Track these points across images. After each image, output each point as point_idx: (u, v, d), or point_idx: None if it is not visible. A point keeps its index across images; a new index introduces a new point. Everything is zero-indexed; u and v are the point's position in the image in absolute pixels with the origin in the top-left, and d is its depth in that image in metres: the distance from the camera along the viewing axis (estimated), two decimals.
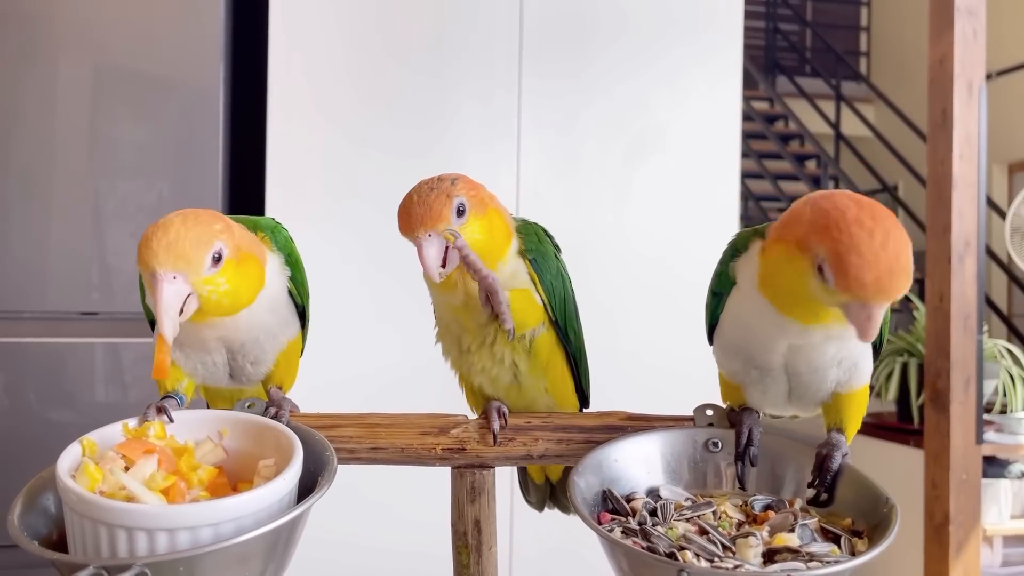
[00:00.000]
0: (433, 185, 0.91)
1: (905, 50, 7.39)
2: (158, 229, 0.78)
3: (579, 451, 0.93)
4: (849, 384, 0.90)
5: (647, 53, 2.47)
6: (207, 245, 0.79)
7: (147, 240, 0.78)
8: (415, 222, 0.89)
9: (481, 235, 0.92)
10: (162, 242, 0.77)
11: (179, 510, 0.71)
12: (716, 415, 0.94)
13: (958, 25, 2.87)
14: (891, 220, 0.72)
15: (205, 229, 0.79)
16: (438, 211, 0.88)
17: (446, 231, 0.89)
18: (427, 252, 0.89)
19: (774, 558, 0.75)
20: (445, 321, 1.00)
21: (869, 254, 0.69)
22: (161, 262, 0.77)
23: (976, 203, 2.89)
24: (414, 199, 0.90)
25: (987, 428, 3.33)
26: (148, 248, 0.77)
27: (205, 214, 0.81)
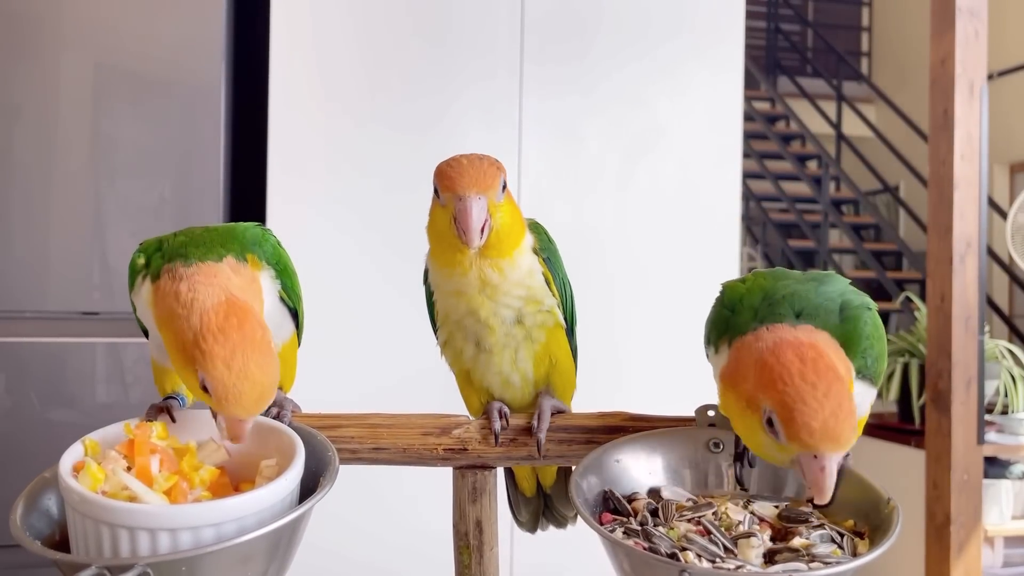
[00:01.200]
0: (480, 156, 0.91)
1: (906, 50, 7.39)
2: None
3: (581, 451, 0.93)
4: None
5: (648, 53, 2.47)
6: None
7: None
8: (467, 181, 0.88)
9: (510, 217, 0.92)
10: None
11: (181, 510, 0.71)
12: (717, 416, 0.94)
13: (960, 25, 2.86)
14: (832, 374, 0.74)
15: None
16: (492, 177, 0.89)
17: (492, 199, 0.89)
18: (475, 212, 0.87)
19: (775, 558, 0.75)
20: (458, 318, 0.98)
21: (813, 402, 0.72)
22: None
23: (977, 203, 2.89)
24: (463, 162, 0.89)
25: (988, 428, 3.33)
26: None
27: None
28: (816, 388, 0.73)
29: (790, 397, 0.73)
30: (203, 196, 2.19)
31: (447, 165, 0.90)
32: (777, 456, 0.77)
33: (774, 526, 0.82)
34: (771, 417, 0.74)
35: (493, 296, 0.95)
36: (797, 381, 0.74)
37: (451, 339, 1.01)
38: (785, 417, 0.73)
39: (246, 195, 2.35)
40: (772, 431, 0.75)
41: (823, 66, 7.68)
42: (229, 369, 0.72)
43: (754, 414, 0.77)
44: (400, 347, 2.28)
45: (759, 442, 0.78)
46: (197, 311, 0.75)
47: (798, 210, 6.53)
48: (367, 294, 2.29)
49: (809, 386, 0.73)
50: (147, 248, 0.88)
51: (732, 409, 0.80)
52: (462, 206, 0.87)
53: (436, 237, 0.95)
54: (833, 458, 0.74)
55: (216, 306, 0.76)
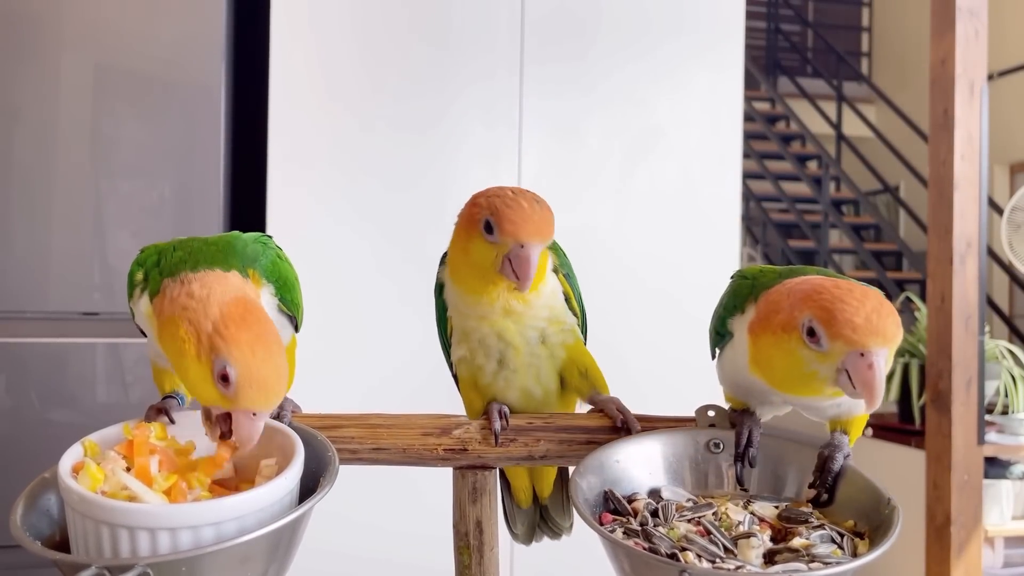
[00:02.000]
0: (536, 198, 0.89)
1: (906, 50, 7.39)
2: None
3: (581, 452, 0.93)
4: (849, 413, 0.91)
5: (648, 53, 2.47)
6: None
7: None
8: (532, 229, 0.86)
9: (545, 256, 0.94)
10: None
11: (181, 509, 0.71)
12: (718, 416, 0.94)
13: (960, 25, 2.86)
14: (868, 288, 0.76)
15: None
16: (552, 225, 0.88)
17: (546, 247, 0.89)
18: (535, 261, 0.86)
19: (775, 559, 0.75)
20: (480, 338, 0.98)
21: (853, 301, 0.74)
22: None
23: (978, 203, 2.89)
24: (524, 206, 0.87)
25: (988, 429, 3.33)
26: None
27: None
28: (853, 292, 0.75)
29: (829, 300, 0.74)
30: (203, 196, 2.19)
31: (506, 206, 0.87)
32: (820, 371, 0.76)
33: (774, 526, 0.82)
34: (812, 326, 0.75)
35: (518, 321, 0.95)
36: (833, 290, 0.75)
37: (471, 356, 0.99)
38: (826, 318, 0.74)
39: (246, 195, 2.35)
40: (814, 341, 0.75)
41: (823, 66, 7.68)
42: (254, 354, 0.72)
43: (791, 336, 0.77)
44: (400, 347, 2.28)
45: (800, 362, 0.77)
46: (215, 303, 0.75)
47: (798, 210, 6.54)
48: (367, 293, 2.29)
49: (846, 291, 0.75)
50: (145, 261, 0.87)
51: (767, 348, 0.80)
52: (524, 253, 0.86)
53: (470, 267, 0.92)
54: (880, 354, 0.73)
55: (235, 300, 0.76)
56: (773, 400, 0.90)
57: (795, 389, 0.82)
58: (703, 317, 1.00)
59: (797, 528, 0.80)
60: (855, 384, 0.74)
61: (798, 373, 0.78)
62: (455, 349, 1.01)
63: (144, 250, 0.89)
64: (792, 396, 0.85)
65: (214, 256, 0.84)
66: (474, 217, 0.89)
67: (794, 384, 0.81)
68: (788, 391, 0.83)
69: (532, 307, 0.95)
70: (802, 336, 0.76)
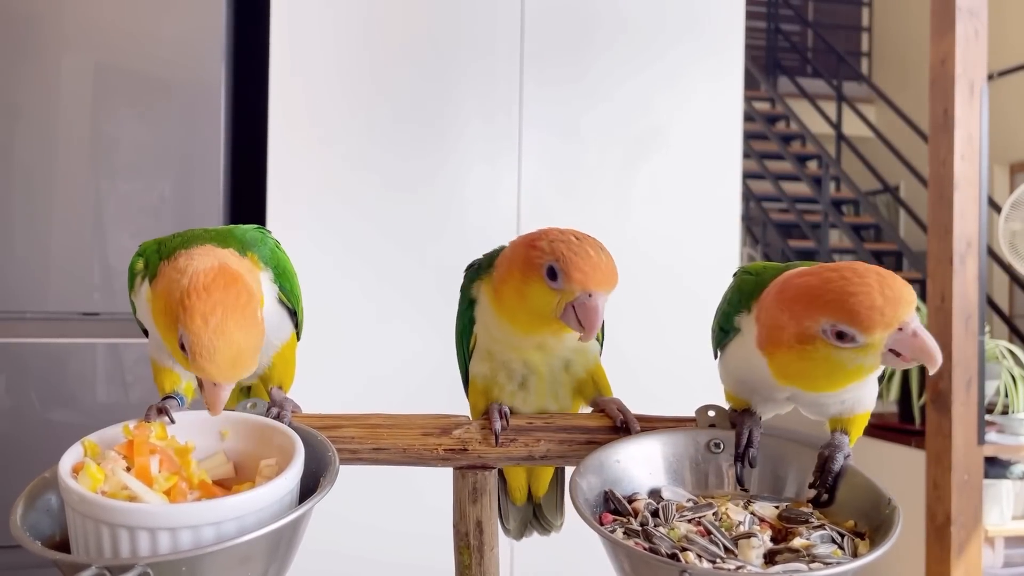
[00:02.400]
0: (600, 244, 0.88)
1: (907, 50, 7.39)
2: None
3: (581, 452, 0.93)
4: (852, 412, 0.91)
5: (648, 54, 2.47)
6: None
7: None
8: (602, 278, 0.85)
9: None
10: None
11: (181, 509, 0.71)
12: (718, 416, 0.94)
13: (960, 25, 2.86)
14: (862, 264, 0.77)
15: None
16: (617, 273, 0.87)
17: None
18: (602, 310, 0.85)
19: (775, 559, 0.75)
20: (504, 360, 0.98)
21: (864, 287, 0.73)
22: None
23: (978, 203, 2.89)
24: (591, 254, 0.85)
25: (988, 429, 3.33)
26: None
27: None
28: (852, 280, 0.74)
29: (841, 298, 0.73)
30: (203, 196, 2.19)
31: (574, 253, 0.84)
32: (865, 362, 0.76)
33: (774, 526, 0.82)
34: (840, 330, 0.74)
35: (548, 352, 0.96)
36: (836, 284, 0.74)
37: (491, 375, 0.99)
38: (852, 318, 0.73)
39: (246, 195, 2.35)
40: (847, 341, 0.74)
41: (823, 66, 7.68)
42: (206, 324, 0.72)
43: (816, 341, 0.76)
44: (400, 347, 2.28)
45: (840, 363, 0.76)
46: (189, 273, 0.75)
47: (798, 210, 6.53)
48: (368, 293, 2.29)
49: (848, 283, 0.74)
50: (145, 250, 0.88)
51: (793, 360, 0.79)
52: (592, 304, 0.84)
53: (525, 310, 0.89)
54: (914, 318, 0.73)
55: (207, 269, 0.76)
56: (777, 397, 0.90)
57: (830, 387, 0.81)
58: (703, 317, 1.00)
59: (797, 528, 0.80)
60: (911, 356, 0.73)
61: (841, 373, 0.77)
62: (476, 363, 1.00)
63: (143, 243, 0.90)
64: (804, 392, 0.84)
65: (212, 238, 0.85)
66: (533, 261, 0.86)
67: (831, 384, 0.80)
68: (817, 390, 0.82)
69: (564, 341, 0.95)
70: (830, 341, 0.75)
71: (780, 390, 0.88)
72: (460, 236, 2.34)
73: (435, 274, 2.30)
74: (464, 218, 2.36)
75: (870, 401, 0.91)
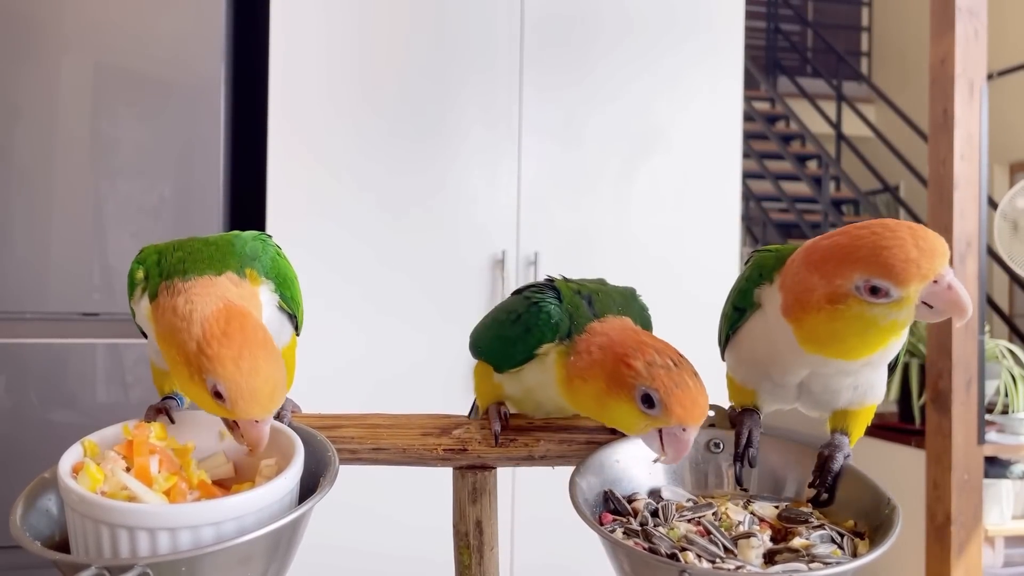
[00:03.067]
0: (695, 372, 0.81)
1: (906, 50, 7.39)
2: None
3: (581, 452, 0.93)
4: (861, 403, 0.90)
5: (648, 54, 2.47)
6: None
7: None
8: (700, 414, 0.79)
9: None
10: None
11: (180, 509, 0.71)
12: (717, 416, 0.94)
13: (959, 25, 2.86)
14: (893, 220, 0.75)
15: None
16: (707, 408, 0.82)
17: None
18: (691, 443, 0.79)
19: (775, 559, 0.75)
20: (539, 400, 0.96)
21: (894, 240, 0.72)
22: None
23: (977, 203, 2.89)
24: (691, 387, 0.79)
25: (988, 428, 3.33)
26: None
27: None
28: (884, 235, 0.72)
29: (874, 253, 0.72)
30: (203, 196, 2.19)
31: (675, 385, 0.78)
32: (899, 317, 0.74)
33: (774, 526, 0.81)
34: (874, 284, 0.72)
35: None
36: (868, 240, 0.72)
37: (517, 400, 0.98)
38: (887, 271, 0.71)
39: (246, 195, 2.35)
40: (881, 296, 0.72)
41: (823, 66, 7.68)
42: (239, 368, 0.72)
43: (848, 299, 0.74)
44: (399, 347, 2.28)
45: (873, 321, 0.74)
46: (197, 321, 0.75)
47: (798, 210, 6.53)
48: (368, 292, 2.29)
49: (881, 238, 0.72)
50: (146, 260, 0.87)
51: (823, 321, 0.77)
52: (685, 438, 0.79)
53: (605, 415, 0.84)
54: (949, 270, 0.72)
55: (216, 312, 0.75)
56: (790, 382, 0.88)
57: (861, 352, 0.78)
58: (703, 316, 1.00)
59: (797, 528, 0.80)
60: (944, 310, 0.72)
61: (875, 331, 0.75)
62: (508, 384, 0.96)
63: (144, 249, 0.89)
64: (824, 366, 0.82)
65: (211, 257, 0.84)
66: (626, 380, 0.79)
67: (864, 346, 0.77)
68: (846, 356, 0.80)
69: None
70: (863, 297, 0.73)
71: (797, 370, 0.86)
72: (460, 236, 2.34)
73: (435, 273, 2.30)
74: (464, 219, 2.35)
75: (880, 390, 0.89)
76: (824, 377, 0.87)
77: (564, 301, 0.90)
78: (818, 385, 0.88)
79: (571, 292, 0.91)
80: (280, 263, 0.92)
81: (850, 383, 0.87)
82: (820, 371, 0.86)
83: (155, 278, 0.83)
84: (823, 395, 0.89)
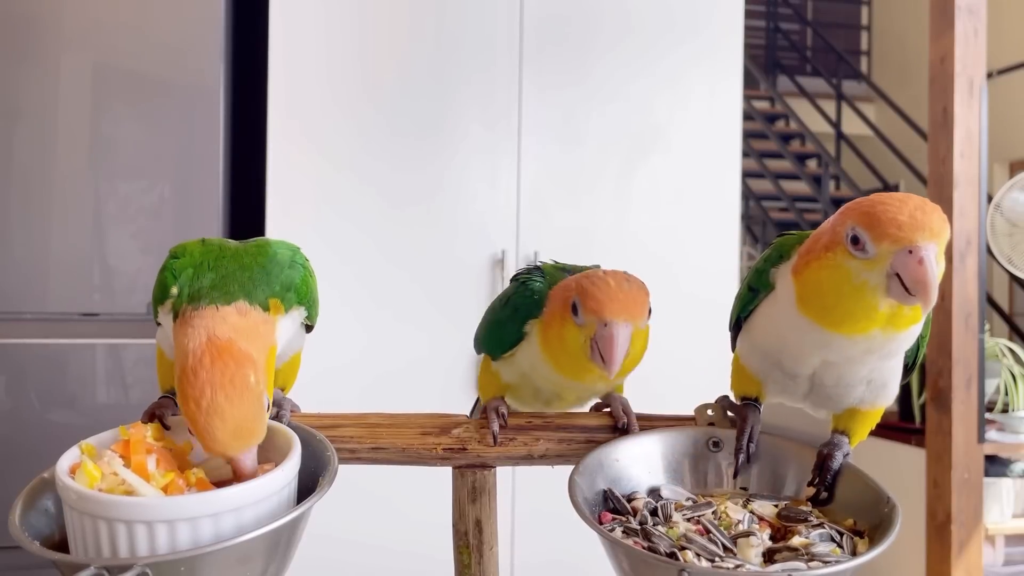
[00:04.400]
0: (628, 276, 0.87)
1: (906, 49, 7.39)
2: None
3: (580, 451, 0.93)
4: (872, 403, 0.89)
5: (647, 54, 2.47)
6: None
7: None
8: (618, 307, 0.83)
9: (643, 344, 0.91)
10: None
11: (178, 501, 0.71)
12: (717, 414, 0.94)
13: (959, 24, 2.86)
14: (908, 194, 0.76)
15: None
16: (642, 304, 0.85)
17: (637, 327, 0.85)
18: (621, 341, 0.82)
19: (774, 558, 0.75)
20: (537, 387, 0.98)
21: (895, 202, 0.73)
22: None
23: (977, 202, 2.89)
24: (611, 284, 0.84)
25: (989, 427, 3.33)
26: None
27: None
28: (893, 197, 0.74)
29: (869, 204, 0.73)
30: (203, 196, 2.19)
31: (593, 285, 0.84)
32: (870, 280, 0.73)
33: (773, 525, 0.81)
34: (855, 234, 0.73)
35: (580, 388, 0.96)
36: (873, 197, 0.75)
37: (516, 389, 0.99)
38: (871, 222, 0.72)
39: (246, 194, 2.35)
40: (859, 248, 0.73)
41: (822, 65, 7.68)
42: (199, 407, 0.72)
43: (836, 251, 0.75)
44: (399, 346, 2.28)
45: (848, 276, 0.75)
46: (187, 354, 0.75)
47: (798, 209, 6.53)
48: (367, 291, 2.29)
49: (886, 197, 0.74)
50: (181, 274, 0.85)
51: (814, 273, 0.78)
52: (607, 333, 0.82)
53: (565, 352, 0.88)
54: (930, 248, 0.71)
55: (195, 348, 0.75)
56: (801, 372, 0.87)
57: (845, 320, 0.77)
58: (703, 315, 1.00)
59: (796, 527, 0.80)
60: (907, 283, 0.71)
61: (848, 289, 0.75)
62: (505, 370, 0.99)
63: (183, 256, 0.86)
64: (837, 336, 0.80)
65: (242, 285, 0.83)
66: (566, 300, 0.86)
67: (844, 311, 0.76)
68: (837, 326, 0.78)
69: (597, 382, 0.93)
70: (847, 247, 0.74)
71: (806, 357, 0.85)
72: (460, 235, 2.33)
73: (435, 273, 2.30)
74: (464, 218, 2.35)
75: (891, 391, 0.88)
76: (839, 367, 0.84)
77: (547, 278, 0.94)
78: (831, 378, 0.86)
79: (554, 270, 0.97)
80: (311, 285, 0.92)
81: (863, 376, 0.85)
82: (830, 358, 0.83)
83: (183, 297, 0.82)
84: (836, 389, 0.87)
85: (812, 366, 0.86)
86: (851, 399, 0.89)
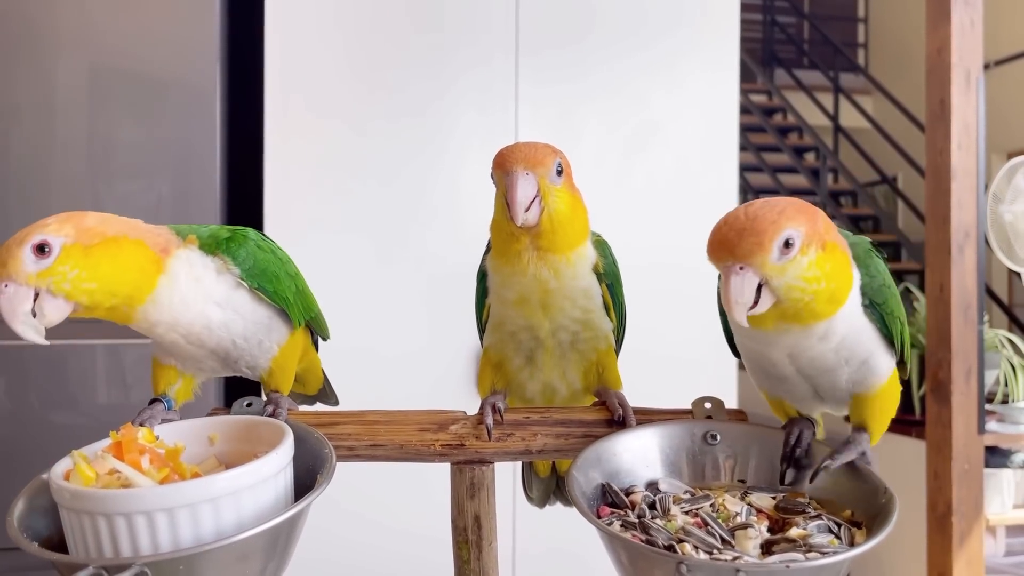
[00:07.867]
0: (538, 141, 0.92)
1: (903, 41, 7.39)
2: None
3: (578, 445, 0.93)
4: (864, 384, 0.90)
5: (644, 47, 2.47)
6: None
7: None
8: (516, 157, 0.90)
9: (567, 207, 0.94)
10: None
11: (176, 488, 0.72)
12: (714, 408, 0.94)
13: (956, 15, 2.86)
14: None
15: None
16: (541, 154, 0.90)
17: (543, 177, 0.90)
18: (521, 185, 0.88)
19: (772, 549, 0.75)
20: (513, 330, 0.99)
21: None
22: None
23: (975, 193, 2.89)
24: (517, 144, 0.91)
25: (989, 418, 3.33)
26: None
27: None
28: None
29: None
30: (201, 196, 2.19)
31: (502, 148, 0.92)
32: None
33: (771, 517, 0.82)
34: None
35: (550, 311, 0.95)
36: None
37: (500, 346, 1.01)
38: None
39: (243, 194, 2.35)
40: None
41: (820, 58, 7.68)
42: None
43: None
44: (399, 344, 2.28)
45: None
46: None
47: None
48: (366, 290, 2.29)
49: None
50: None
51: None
52: (509, 180, 0.88)
53: (496, 230, 0.95)
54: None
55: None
56: (782, 369, 0.89)
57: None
58: (701, 310, 1.00)
59: (794, 519, 0.80)
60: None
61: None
62: (488, 335, 1.02)
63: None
64: (760, 331, 0.85)
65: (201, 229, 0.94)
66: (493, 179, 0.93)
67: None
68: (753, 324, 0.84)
69: (564, 285, 0.94)
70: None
71: (779, 361, 0.87)
72: (458, 232, 2.33)
73: (432, 270, 2.30)
74: (462, 214, 2.35)
75: (877, 367, 0.89)
76: (804, 355, 0.86)
77: None
78: (808, 367, 0.88)
79: None
80: (258, 258, 0.92)
81: (834, 357, 0.87)
82: (790, 350, 0.86)
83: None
84: (822, 377, 0.89)
85: (784, 363, 0.88)
86: (843, 383, 0.90)
